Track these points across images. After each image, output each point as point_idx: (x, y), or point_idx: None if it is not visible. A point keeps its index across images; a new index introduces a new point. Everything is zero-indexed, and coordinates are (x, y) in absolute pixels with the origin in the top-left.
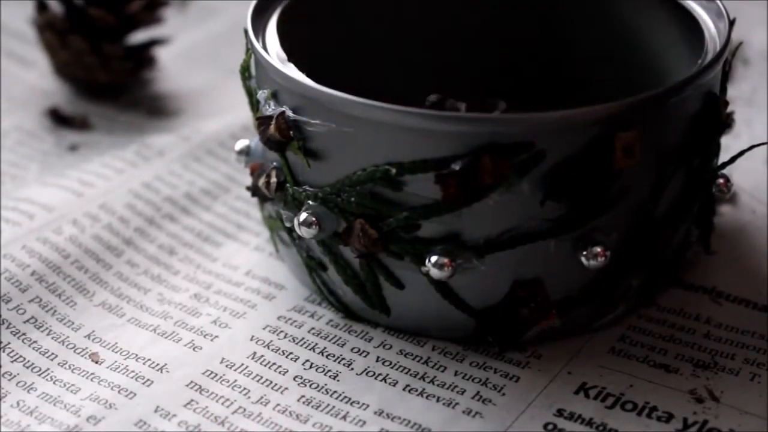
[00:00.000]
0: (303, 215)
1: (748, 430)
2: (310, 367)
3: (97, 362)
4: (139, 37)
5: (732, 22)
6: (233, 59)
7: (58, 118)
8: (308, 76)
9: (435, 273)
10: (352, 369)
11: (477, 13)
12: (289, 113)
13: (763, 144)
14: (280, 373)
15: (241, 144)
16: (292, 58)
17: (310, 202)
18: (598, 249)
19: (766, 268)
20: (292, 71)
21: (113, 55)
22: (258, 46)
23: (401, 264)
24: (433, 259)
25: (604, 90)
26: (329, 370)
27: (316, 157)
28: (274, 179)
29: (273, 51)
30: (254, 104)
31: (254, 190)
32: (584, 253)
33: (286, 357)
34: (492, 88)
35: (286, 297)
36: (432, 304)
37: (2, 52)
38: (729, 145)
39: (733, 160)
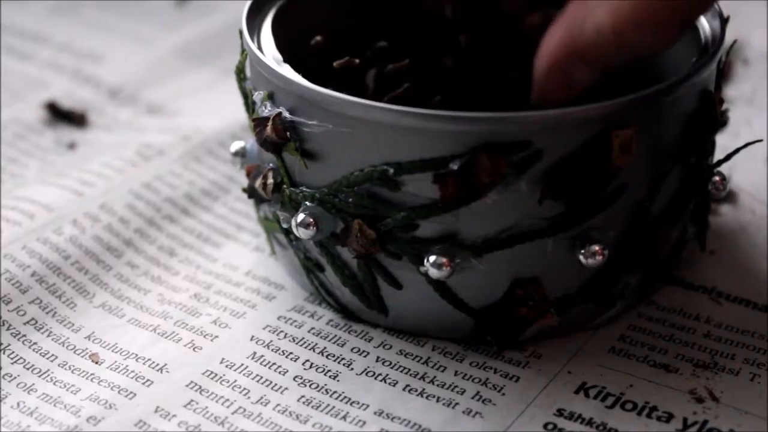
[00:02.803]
0: (300, 216)
1: (748, 430)
2: (310, 367)
3: (97, 363)
4: None
5: (726, 21)
6: (233, 58)
7: (57, 112)
8: (304, 76)
9: (433, 273)
10: (352, 369)
11: (474, 12)
12: (286, 114)
13: (757, 141)
14: (280, 373)
15: (236, 146)
16: (287, 58)
17: (308, 203)
18: (596, 248)
19: (766, 268)
20: (288, 72)
21: None
22: (253, 46)
23: (399, 264)
24: (432, 258)
25: (601, 88)
26: (329, 370)
27: (314, 158)
28: (270, 180)
29: (268, 52)
30: (249, 106)
31: (250, 191)
32: (582, 251)
33: (286, 357)
34: (490, 87)
35: (286, 297)
36: (430, 303)
37: (2, 46)
38: (729, 145)
39: (728, 157)
